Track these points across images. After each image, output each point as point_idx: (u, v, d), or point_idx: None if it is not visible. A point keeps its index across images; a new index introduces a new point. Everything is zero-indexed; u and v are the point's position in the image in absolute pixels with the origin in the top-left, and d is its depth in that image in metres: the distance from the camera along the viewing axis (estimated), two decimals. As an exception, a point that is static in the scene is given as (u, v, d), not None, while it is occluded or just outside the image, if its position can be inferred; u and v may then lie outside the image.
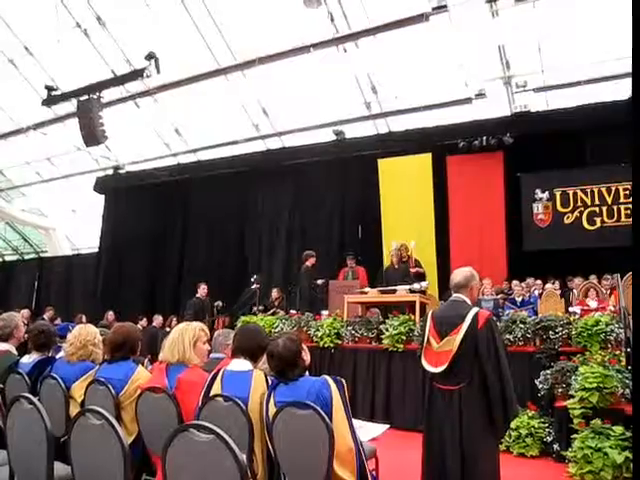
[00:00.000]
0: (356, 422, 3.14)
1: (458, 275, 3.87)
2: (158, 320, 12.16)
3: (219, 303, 11.21)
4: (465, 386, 3.56)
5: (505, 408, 3.55)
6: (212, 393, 3.16)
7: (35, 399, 2.59)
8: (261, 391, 3.07)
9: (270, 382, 3.13)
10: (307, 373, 3.13)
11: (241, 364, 3.21)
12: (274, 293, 11.43)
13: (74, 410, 3.62)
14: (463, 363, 3.59)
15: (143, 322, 12.31)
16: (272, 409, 2.96)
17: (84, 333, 3.95)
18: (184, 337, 3.44)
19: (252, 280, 11.48)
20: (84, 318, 12.92)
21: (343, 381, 3.04)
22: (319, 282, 10.16)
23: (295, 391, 2.94)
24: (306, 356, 3.16)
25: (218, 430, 1.98)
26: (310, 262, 10.29)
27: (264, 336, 3.42)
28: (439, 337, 3.73)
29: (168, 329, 10.61)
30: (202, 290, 11.16)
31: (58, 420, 3.46)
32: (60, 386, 3.68)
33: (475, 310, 3.68)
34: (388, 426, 3.36)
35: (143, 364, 4.98)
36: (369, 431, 3.66)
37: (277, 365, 3.04)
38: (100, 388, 3.56)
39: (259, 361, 3.29)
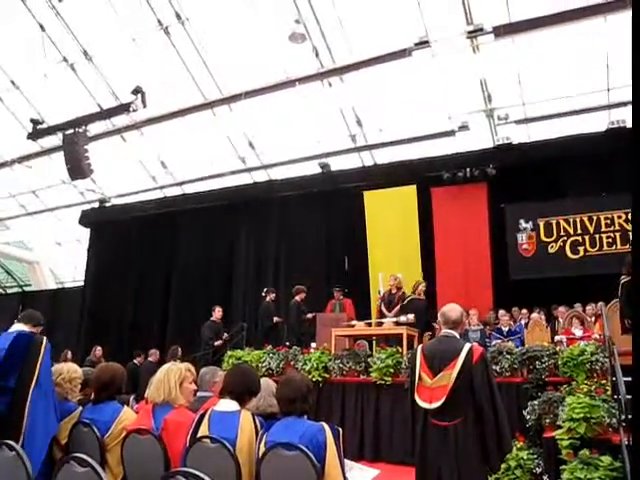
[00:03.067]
0: (346, 462, 3.12)
1: (454, 313, 3.91)
2: (155, 355, 11.73)
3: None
4: (460, 421, 3.55)
5: (500, 442, 3.55)
6: (199, 434, 3.13)
7: (17, 445, 2.55)
8: (249, 432, 3.05)
9: (258, 422, 3.12)
10: (305, 417, 3.12)
11: (228, 404, 3.19)
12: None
13: (58, 453, 3.56)
14: (458, 398, 3.58)
15: (154, 356, 11.75)
16: (262, 449, 2.94)
17: (57, 372, 3.88)
18: (170, 377, 3.43)
19: (263, 294, 11.17)
20: (69, 354, 12.70)
21: (340, 430, 3.03)
22: (309, 316, 10.10)
23: (289, 432, 2.93)
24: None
25: (204, 477, 1.97)
26: (300, 297, 10.22)
27: (254, 379, 3.37)
28: (432, 373, 3.71)
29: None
30: (217, 313, 10.85)
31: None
32: (44, 428, 3.62)
33: (469, 345, 3.71)
34: (378, 472, 3.31)
35: (128, 403, 4.93)
36: (358, 477, 3.61)
37: (290, 393, 3.06)
38: (84, 430, 3.51)
39: (246, 404, 3.26)
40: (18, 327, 3.97)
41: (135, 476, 3.33)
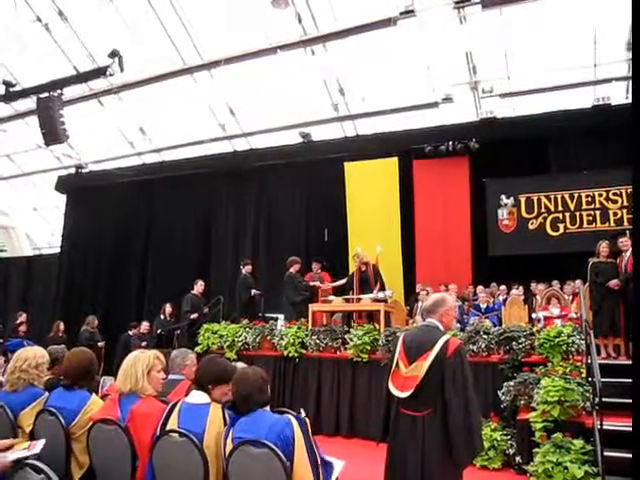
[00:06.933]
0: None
1: (428, 300, 3.84)
2: (145, 326, 11.38)
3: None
4: (429, 413, 3.49)
5: (470, 438, 3.42)
6: (169, 426, 3.05)
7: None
8: (217, 426, 2.98)
9: (228, 416, 3.04)
10: (268, 408, 3.04)
11: (199, 397, 3.11)
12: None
13: (23, 440, 3.45)
14: (429, 390, 3.50)
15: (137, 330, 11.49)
16: (229, 446, 2.87)
17: (23, 357, 3.74)
18: (137, 366, 3.32)
19: (240, 266, 10.92)
20: (62, 325, 12.15)
21: (307, 420, 2.98)
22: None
23: (255, 427, 2.85)
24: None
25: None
26: (294, 268, 9.87)
27: (226, 368, 3.26)
28: (408, 361, 3.63)
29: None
30: (199, 287, 10.65)
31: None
32: (7, 415, 3.50)
33: (445, 338, 3.58)
34: (344, 463, 3.25)
35: (98, 384, 4.84)
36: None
37: (244, 389, 2.96)
38: (50, 418, 3.40)
39: (214, 391, 3.17)
40: None
41: (101, 466, 3.26)
